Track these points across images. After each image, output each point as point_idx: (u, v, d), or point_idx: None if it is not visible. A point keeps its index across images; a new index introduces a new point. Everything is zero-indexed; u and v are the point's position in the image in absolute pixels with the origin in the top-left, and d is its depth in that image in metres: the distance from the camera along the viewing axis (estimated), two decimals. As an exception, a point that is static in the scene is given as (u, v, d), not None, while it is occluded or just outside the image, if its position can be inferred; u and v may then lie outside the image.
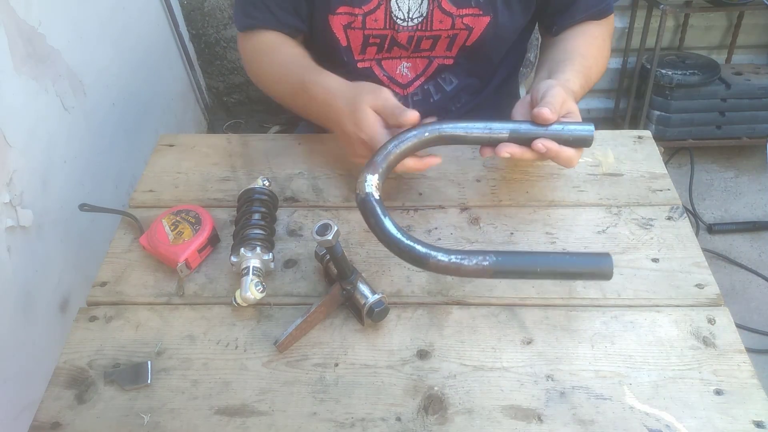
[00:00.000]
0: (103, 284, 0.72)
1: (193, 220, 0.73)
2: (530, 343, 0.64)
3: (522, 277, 0.67)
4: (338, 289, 0.65)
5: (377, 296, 0.63)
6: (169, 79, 1.84)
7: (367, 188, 0.64)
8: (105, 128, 1.34)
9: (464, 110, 1.01)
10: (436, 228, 0.76)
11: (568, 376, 0.60)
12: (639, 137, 0.88)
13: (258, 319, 0.67)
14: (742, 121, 1.98)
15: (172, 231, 0.72)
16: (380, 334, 0.65)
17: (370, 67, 0.95)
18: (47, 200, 1.08)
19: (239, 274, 0.67)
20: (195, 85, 2.03)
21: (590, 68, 0.84)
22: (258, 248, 0.68)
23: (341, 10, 0.86)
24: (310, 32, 0.94)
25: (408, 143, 0.69)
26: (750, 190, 2.03)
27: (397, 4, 0.86)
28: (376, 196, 0.64)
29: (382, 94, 0.72)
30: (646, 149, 0.86)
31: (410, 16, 0.87)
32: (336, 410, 0.59)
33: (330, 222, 0.58)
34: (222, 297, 0.70)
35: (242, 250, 0.68)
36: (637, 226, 0.75)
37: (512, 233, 0.75)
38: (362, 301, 0.63)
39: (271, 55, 0.89)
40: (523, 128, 0.69)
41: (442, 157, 0.74)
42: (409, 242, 0.61)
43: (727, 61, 2.09)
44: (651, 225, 0.75)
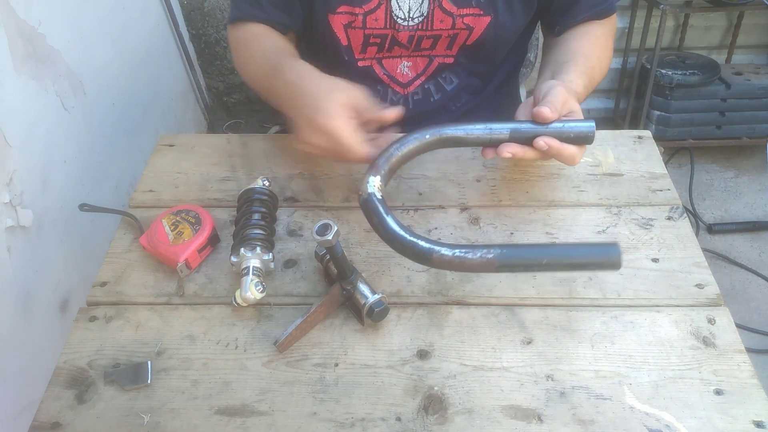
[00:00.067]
0: (103, 284, 0.72)
1: (193, 220, 0.73)
2: (530, 343, 0.64)
3: (528, 270, 0.65)
4: (338, 289, 0.65)
5: (377, 296, 0.63)
6: (169, 79, 1.84)
7: (369, 189, 0.64)
8: (105, 128, 1.34)
9: (464, 110, 1.01)
10: (436, 228, 0.76)
11: (568, 376, 0.60)
12: (639, 137, 0.88)
13: (258, 319, 0.67)
14: (742, 121, 1.98)
15: (172, 231, 0.72)
16: (380, 334, 0.65)
17: (370, 66, 0.95)
18: (47, 200, 1.08)
19: (239, 274, 0.67)
20: (195, 85, 2.03)
21: (593, 68, 0.84)
22: (258, 248, 0.68)
23: (341, 9, 0.86)
24: (303, 31, 0.94)
25: (409, 146, 0.69)
26: (750, 190, 2.03)
27: (398, 4, 0.86)
28: (378, 196, 0.64)
29: (357, 90, 0.71)
30: (646, 149, 0.86)
31: (411, 15, 0.87)
32: (336, 410, 0.59)
33: (330, 222, 0.58)
34: (222, 297, 0.70)
35: (242, 250, 0.68)
36: (637, 226, 0.75)
37: (512, 233, 0.75)
38: (362, 301, 0.63)
39: (255, 44, 0.89)
40: (523, 127, 0.69)
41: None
42: (412, 238, 0.60)
43: (727, 61, 2.09)
44: (651, 225, 0.75)
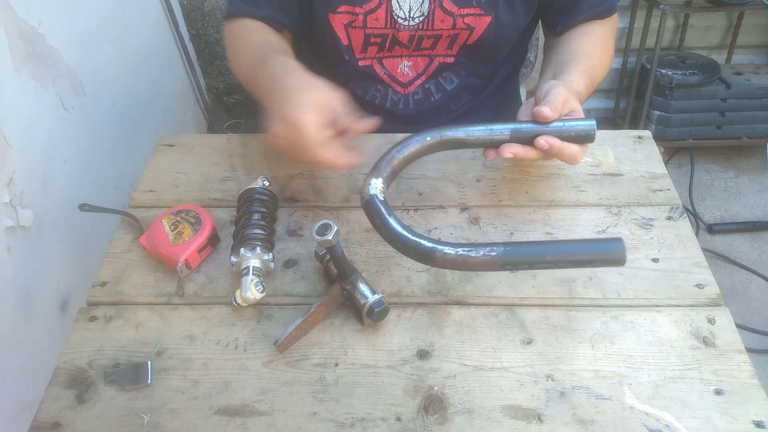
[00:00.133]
0: (103, 284, 0.72)
1: (193, 220, 0.73)
2: (530, 343, 0.64)
3: (531, 268, 0.65)
4: (338, 289, 0.65)
5: (377, 296, 0.63)
6: (169, 79, 1.84)
7: (371, 190, 0.65)
8: (105, 128, 1.34)
9: (465, 109, 1.01)
10: (436, 228, 0.76)
11: (568, 376, 0.60)
12: (639, 137, 0.88)
13: (258, 319, 0.67)
14: (742, 121, 1.98)
15: (172, 231, 0.72)
16: (380, 334, 0.65)
17: (371, 65, 0.95)
18: (47, 200, 1.08)
19: (239, 274, 0.67)
20: (195, 85, 2.03)
21: (595, 68, 0.84)
22: (258, 248, 0.68)
23: (342, 8, 0.86)
24: (303, 30, 0.94)
25: (411, 148, 0.70)
26: (750, 190, 2.03)
27: (398, 4, 0.86)
28: (380, 197, 0.64)
29: (336, 93, 0.69)
30: (646, 149, 0.86)
31: (411, 15, 0.87)
32: (336, 410, 0.59)
33: (330, 222, 0.58)
34: (222, 297, 0.70)
35: (242, 250, 0.68)
36: (637, 226, 0.75)
37: (512, 233, 0.75)
38: (362, 301, 0.63)
39: (247, 38, 0.88)
40: (524, 127, 0.70)
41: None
42: (414, 238, 0.61)
43: (727, 61, 2.09)
44: (651, 225, 0.75)
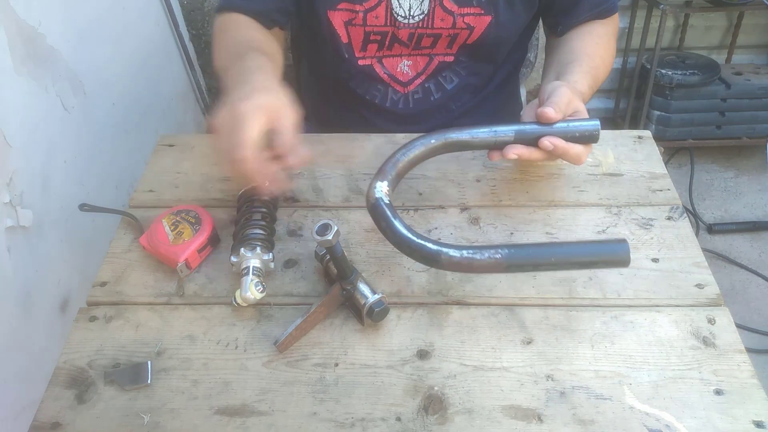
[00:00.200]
0: (103, 284, 0.71)
1: (193, 220, 0.73)
2: (530, 343, 0.64)
3: (536, 270, 0.65)
4: (338, 289, 0.65)
5: (377, 296, 0.63)
6: (169, 79, 1.84)
7: (377, 194, 0.65)
8: (105, 128, 1.34)
9: (464, 109, 1.01)
10: (436, 228, 0.76)
11: (568, 376, 0.60)
12: (639, 137, 0.88)
13: (258, 319, 0.67)
14: (742, 121, 1.98)
15: (172, 231, 0.72)
16: (380, 334, 0.65)
17: (371, 65, 0.95)
18: (47, 200, 1.08)
19: (239, 274, 0.67)
20: (195, 85, 2.02)
21: (597, 68, 0.84)
22: (258, 248, 0.68)
23: (342, 6, 0.86)
24: (303, 28, 0.94)
25: (415, 151, 0.70)
26: (750, 190, 2.03)
27: (398, 2, 0.86)
28: (386, 200, 0.64)
29: (292, 111, 0.66)
30: (646, 149, 0.86)
31: (411, 13, 0.87)
32: (336, 410, 0.59)
33: (330, 222, 0.58)
34: (222, 297, 0.70)
35: (242, 250, 0.68)
36: (637, 226, 0.75)
37: (512, 233, 0.75)
38: (362, 301, 0.63)
39: (232, 31, 0.86)
40: (528, 128, 0.70)
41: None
42: (420, 241, 0.61)
43: (727, 61, 2.09)
44: (651, 225, 0.75)
